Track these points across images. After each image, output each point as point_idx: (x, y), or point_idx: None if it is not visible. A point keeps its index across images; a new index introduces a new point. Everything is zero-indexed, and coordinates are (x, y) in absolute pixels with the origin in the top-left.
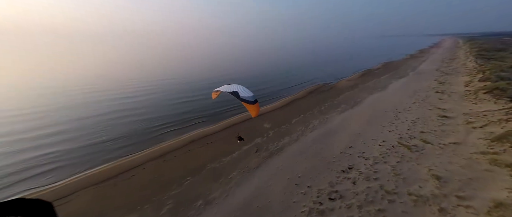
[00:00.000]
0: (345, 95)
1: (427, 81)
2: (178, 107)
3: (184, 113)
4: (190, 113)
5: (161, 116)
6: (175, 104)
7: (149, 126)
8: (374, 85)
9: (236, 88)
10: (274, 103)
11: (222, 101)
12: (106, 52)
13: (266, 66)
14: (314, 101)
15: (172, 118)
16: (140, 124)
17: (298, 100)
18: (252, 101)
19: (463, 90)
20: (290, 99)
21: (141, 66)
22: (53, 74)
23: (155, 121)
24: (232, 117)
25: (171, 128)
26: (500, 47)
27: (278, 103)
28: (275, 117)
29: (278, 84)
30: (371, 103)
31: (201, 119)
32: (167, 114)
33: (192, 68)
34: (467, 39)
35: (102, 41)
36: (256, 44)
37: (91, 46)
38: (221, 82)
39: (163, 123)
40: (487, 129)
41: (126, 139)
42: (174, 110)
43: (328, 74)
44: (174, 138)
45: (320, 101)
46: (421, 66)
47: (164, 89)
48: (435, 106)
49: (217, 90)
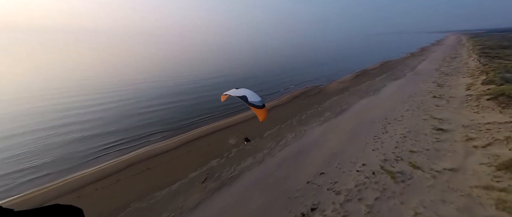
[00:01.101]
0: (332, 101)
1: (424, 83)
2: (141, 118)
3: (143, 126)
4: (151, 126)
5: (112, 131)
6: (139, 114)
7: (87, 146)
8: (366, 88)
9: (244, 93)
10: (251, 111)
11: (194, 110)
12: (92, 51)
13: (257, 67)
14: (296, 107)
15: (124, 134)
16: (77, 143)
17: (280, 106)
18: (260, 106)
19: (463, 94)
20: (271, 105)
21: (125, 67)
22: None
23: (101, 137)
24: (195, 130)
25: (115, 147)
26: (504, 44)
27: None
28: (247, 127)
29: (266, 87)
30: (359, 111)
31: (160, 134)
32: (121, 128)
33: (181, 69)
34: (471, 35)
35: (88, 39)
36: (251, 44)
37: (74, 44)
38: (206, 86)
39: (111, 140)
40: (492, 150)
41: (48, 166)
42: (133, 123)
43: (321, 75)
44: (110, 161)
45: (303, 108)
46: (420, 66)
47: (137, 95)
48: (430, 115)
49: (226, 93)
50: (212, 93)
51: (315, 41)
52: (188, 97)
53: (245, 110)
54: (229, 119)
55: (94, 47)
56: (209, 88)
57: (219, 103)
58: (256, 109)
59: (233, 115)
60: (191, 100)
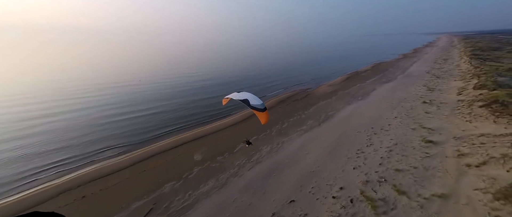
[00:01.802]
0: (318, 106)
1: (415, 87)
2: (98, 129)
3: (97, 141)
4: (107, 140)
5: (59, 147)
6: (98, 125)
7: (20, 169)
8: (355, 91)
9: (246, 96)
10: (231, 117)
11: (165, 119)
12: (75, 51)
13: (248, 69)
14: (279, 114)
15: (70, 150)
16: (12, 163)
17: None
18: (262, 109)
19: (455, 99)
20: (253, 111)
21: (108, 68)
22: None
23: (41, 156)
24: (158, 143)
25: (55, 168)
26: (495, 46)
27: (236, 117)
28: (218, 139)
29: (254, 91)
30: (344, 119)
31: (115, 150)
32: (71, 143)
33: (168, 72)
34: (463, 37)
35: (74, 38)
36: (245, 45)
37: (54, 44)
38: (187, 90)
39: (54, 160)
40: (487, 170)
41: None
42: (87, 136)
43: (313, 77)
44: (39, 186)
45: (286, 114)
46: (412, 68)
47: (105, 101)
48: (419, 124)
49: (227, 97)
50: (191, 98)
51: (313, 42)
52: (163, 104)
53: (237, 111)
54: (200, 129)
55: (77, 47)
56: (190, 93)
57: (195, 110)
58: (258, 112)
59: (207, 124)
60: (166, 107)
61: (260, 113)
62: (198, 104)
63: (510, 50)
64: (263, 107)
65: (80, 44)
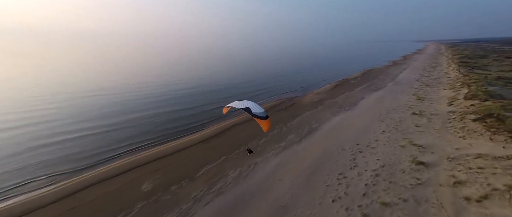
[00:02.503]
0: (303, 117)
1: (404, 96)
2: (33, 153)
3: (27, 168)
4: (38, 167)
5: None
6: (35, 148)
7: None
8: (343, 100)
9: (248, 104)
10: (204, 130)
11: (122, 137)
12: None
13: (234, 76)
14: (258, 127)
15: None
16: None
17: (240, 125)
18: (264, 117)
19: (446, 110)
20: (229, 124)
21: (77, 74)
22: None
23: None
24: (101, 168)
25: None
26: (481, 53)
27: (209, 131)
28: (180, 161)
29: (236, 99)
30: (328, 133)
31: (45, 180)
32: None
33: (149, 79)
34: (450, 45)
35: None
36: (237, 51)
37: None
38: (158, 102)
39: None
40: (491, 208)
41: None
42: (15, 162)
43: (301, 84)
44: None
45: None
46: (401, 75)
47: (55, 116)
48: (409, 141)
49: (228, 106)
50: (160, 110)
51: (306, 48)
52: (125, 118)
53: (214, 122)
54: (162, 147)
55: (60, 50)
56: (162, 104)
57: (162, 124)
58: (260, 120)
59: (174, 140)
60: (127, 122)
61: (262, 121)
62: (167, 118)
63: (495, 58)
64: (265, 115)
65: (61, 47)
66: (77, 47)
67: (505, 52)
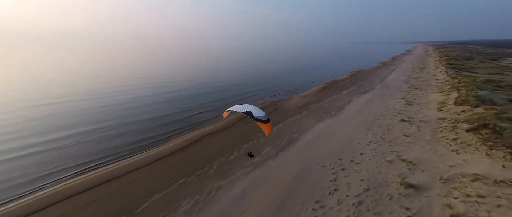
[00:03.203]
0: (284, 125)
1: (393, 100)
2: None
3: None
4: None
5: None
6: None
7: None
8: (329, 104)
9: (249, 108)
10: (169, 144)
11: (85, 151)
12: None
13: (220, 78)
14: (233, 137)
15: None
16: None
17: (213, 135)
18: (266, 120)
19: (436, 117)
20: (199, 134)
21: (51, 78)
22: None
23: None
24: (45, 191)
25: None
26: (467, 55)
27: (174, 144)
28: (124, 187)
29: (218, 105)
30: (309, 144)
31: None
32: None
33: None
34: (436, 46)
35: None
36: (231, 51)
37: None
38: (131, 109)
39: None
40: None
41: None
42: None
43: (288, 86)
44: None
45: (242, 138)
46: (390, 77)
47: (14, 127)
48: (397, 154)
49: (228, 110)
50: (130, 120)
51: (297, 51)
52: (78, 131)
53: (186, 132)
54: (112, 167)
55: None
56: (134, 112)
57: (116, 141)
58: (262, 124)
59: (130, 156)
60: (79, 136)
61: (264, 124)
62: (130, 129)
63: (481, 60)
64: (266, 119)
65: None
66: (51, 49)
67: (489, 54)
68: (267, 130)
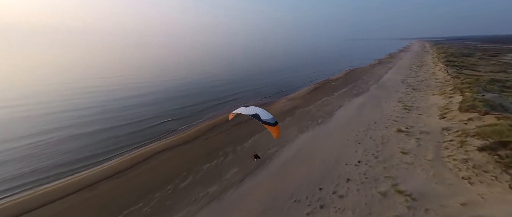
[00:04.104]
0: (261, 136)
1: (389, 103)
2: None
3: None
4: None
5: None
6: None
7: None
8: (317, 109)
9: (256, 111)
10: (110, 162)
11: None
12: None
13: (205, 78)
14: (193, 155)
15: None
16: None
17: (168, 151)
18: (273, 123)
19: (439, 127)
20: (152, 150)
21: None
22: None
23: None
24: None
25: None
26: (465, 51)
27: (117, 163)
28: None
29: (194, 110)
30: (285, 164)
31: None
32: None
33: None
34: (433, 43)
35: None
36: (222, 49)
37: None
38: (82, 117)
39: None
40: None
41: None
42: None
43: (277, 87)
44: None
45: (203, 156)
46: (386, 76)
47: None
48: (393, 183)
49: (234, 112)
50: (79, 131)
51: (293, 47)
52: (33, 140)
53: (139, 146)
54: (57, 184)
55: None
56: (85, 121)
57: (48, 159)
58: (270, 127)
59: (77, 173)
60: (27, 147)
61: (272, 127)
62: (67, 146)
63: (480, 56)
64: (274, 121)
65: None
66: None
67: (488, 50)
68: (275, 133)
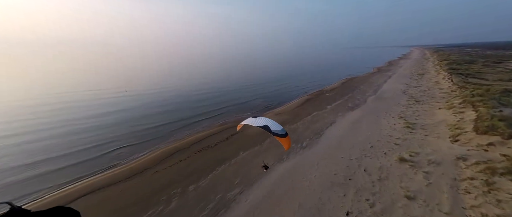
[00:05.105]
0: (226, 168)
1: (388, 119)
2: None
3: None
4: None
5: None
6: None
7: None
8: (305, 127)
9: (265, 122)
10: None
11: None
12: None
13: (189, 91)
14: (134, 194)
15: None
16: None
17: (101, 192)
18: (284, 134)
19: (452, 156)
20: (275, 137)
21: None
22: None
23: None
24: None
25: None
26: (468, 58)
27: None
28: None
29: (151, 135)
30: (250, 214)
31: None
32: None
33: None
34: (434, 50)
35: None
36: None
37: None
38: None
39: None
40: None
41: None
42: None
43: (267, 99)
44: None
45: (143, 201)
46: (386, 85)
47: None
48: None
49: (242, 123)
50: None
51: (293, 56)
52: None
53: (82, 178)
54: None
55: None
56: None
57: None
58: (281, 138)
59: None
60: None
61: (283, 139)
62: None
63: (485, 63)
64: (285, 132)
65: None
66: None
67: (491, 57)
68: (286, 144)
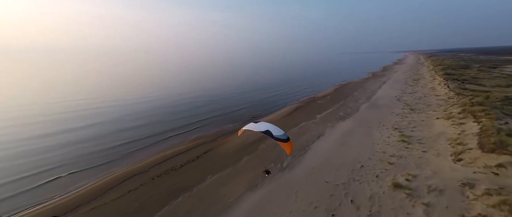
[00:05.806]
0: (184, 200)
1: (382, 131)
2: None
3: None
4: None
5: None
6: None
7: None
8: (291, 139)
9: (267, 127)
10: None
11: None
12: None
13: (166, 102)
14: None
15: None
16: None
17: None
18: (286, 139)
19: (455, 180)
20: (278, 142)
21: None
22: None
23: None
24: None
25: None
26: (462, 63)
27: None
28: None
29: (119, 153)
30: None
31: None
32: None
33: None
34: (428, 55)
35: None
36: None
37: None
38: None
39: None
40: None
41: None
42: None
43: (255, 108)
44: None
45: None
46: (380, 92)
47: None
48: None
49: (244, 128)
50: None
51: (285, 60)
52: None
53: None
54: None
55: None
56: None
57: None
58: (283, 143)
59: None
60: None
61: (285, 143)
62: None
63: (480, 68)
64: (286, 137)
65: None
66: None
67: (485, 62)
68: (288, 149)
